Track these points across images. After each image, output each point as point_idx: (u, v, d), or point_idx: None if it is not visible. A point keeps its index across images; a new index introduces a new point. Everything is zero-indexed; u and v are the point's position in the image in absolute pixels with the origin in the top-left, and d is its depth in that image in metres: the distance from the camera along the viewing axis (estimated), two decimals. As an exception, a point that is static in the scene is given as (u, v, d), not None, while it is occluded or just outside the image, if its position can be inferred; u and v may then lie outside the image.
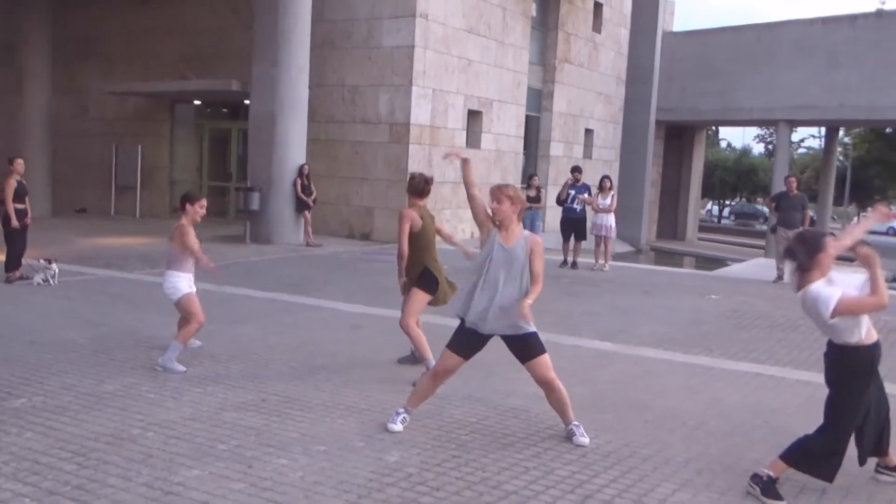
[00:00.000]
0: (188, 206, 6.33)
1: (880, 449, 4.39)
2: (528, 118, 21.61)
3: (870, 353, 4.11)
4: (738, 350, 7.97)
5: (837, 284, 4.01)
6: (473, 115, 19.10)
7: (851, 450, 4.75)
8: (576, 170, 14.34)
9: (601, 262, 13.98)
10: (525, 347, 4.76)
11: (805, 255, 4.04)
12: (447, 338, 4.92)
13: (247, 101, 16.72)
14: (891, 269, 26.23)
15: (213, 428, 4.82)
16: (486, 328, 4.72)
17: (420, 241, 6.12)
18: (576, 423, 4.90)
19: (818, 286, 3.99)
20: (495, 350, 4.97)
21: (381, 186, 17.28)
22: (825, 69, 27.46)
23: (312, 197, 15.88)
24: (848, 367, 4.12)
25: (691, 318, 9.72)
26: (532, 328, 4.72)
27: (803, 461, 4.16)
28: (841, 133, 40.65)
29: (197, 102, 21.03)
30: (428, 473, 4.20)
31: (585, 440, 4.81)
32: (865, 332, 4.04)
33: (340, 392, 5.73)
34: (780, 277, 13.26)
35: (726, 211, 62.41)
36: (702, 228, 40.18)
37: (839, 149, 41.32)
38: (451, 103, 18.15)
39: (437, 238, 6.40)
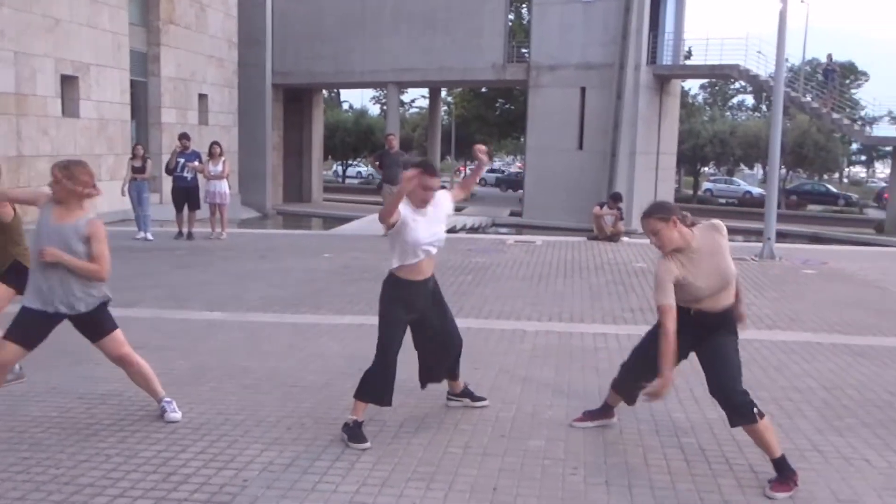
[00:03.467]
0: None
1: (431, 375, 4.89)
2: (134, 83, 20.36)
3: (396, 284, 4.49)
4: (344, 304, 8.36)
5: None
6: (68, 81, 17.48)
7: (432, 389, 5.24)
8: (184, 137, 13.83)
9: (217, 230, 13.73)
10: (93, 325, 4.46)
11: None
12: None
13: None
14: (489, 216, 29.22)
15: None
16: (50, 307, 4.35)
17: (10, 232, 5.41)
18: (167, 399, 4.75)
19: None
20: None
21: (-42, 164, 15.12)
22: (424, 34, 29.63)
23: None
24: (383, 290, 4.54)
25: (304, 277, 9.99)
26: (96, 303, 4.44)
27: (365, 391, 4.45)
28: (444, 93, 44.31)
29: None
30: (-11, 483, 3.80)
31: (177, 416, 4.69)
32: (398, 262, 4.44)
33: None
34: (389, 231, 14.15)
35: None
36: (327, 189, 41.40)
37: (444, 108, 45.03)
38: (39, 67, 16.39)
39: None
